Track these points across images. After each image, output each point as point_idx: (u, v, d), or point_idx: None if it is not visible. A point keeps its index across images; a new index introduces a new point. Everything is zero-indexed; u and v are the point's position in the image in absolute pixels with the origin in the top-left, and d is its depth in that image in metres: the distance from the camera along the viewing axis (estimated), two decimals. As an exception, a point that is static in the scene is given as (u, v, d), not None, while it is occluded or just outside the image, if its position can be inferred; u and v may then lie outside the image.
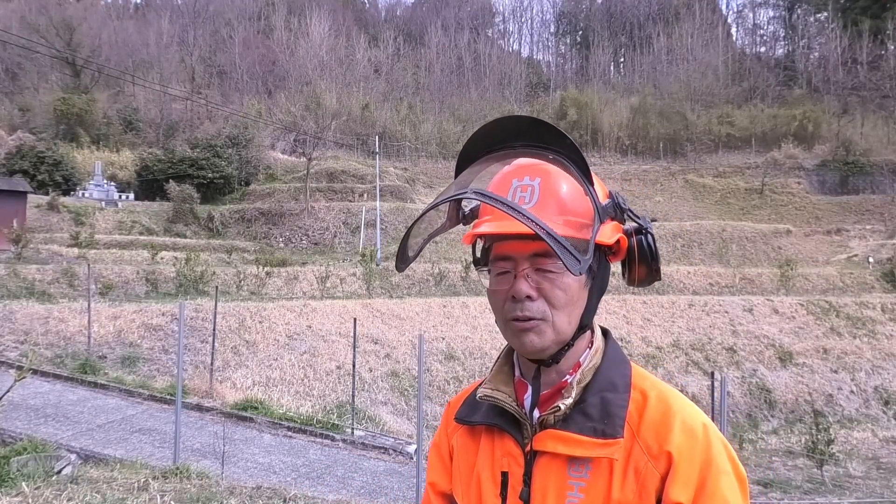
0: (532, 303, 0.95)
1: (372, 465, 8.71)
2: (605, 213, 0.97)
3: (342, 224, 33.03)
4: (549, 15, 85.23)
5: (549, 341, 0.96)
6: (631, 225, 1.04)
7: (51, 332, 12.74)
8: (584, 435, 0.93)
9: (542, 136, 0.98)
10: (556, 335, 0.96)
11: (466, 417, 1.09)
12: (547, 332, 0.96)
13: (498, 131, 1.01)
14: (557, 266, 0.94)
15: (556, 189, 0.96)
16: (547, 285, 0.95)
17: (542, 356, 0.98)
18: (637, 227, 1.03)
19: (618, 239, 1.01)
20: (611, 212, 0.99)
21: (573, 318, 0.98)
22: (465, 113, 54.57)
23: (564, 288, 0.96)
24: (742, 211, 40.30)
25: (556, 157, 0.96)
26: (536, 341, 0.96)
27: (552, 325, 0.96)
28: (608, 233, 0.98)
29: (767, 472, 12.43)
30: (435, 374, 14.45)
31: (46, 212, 27.47)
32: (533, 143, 0.99)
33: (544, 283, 0.96)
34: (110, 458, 7.44)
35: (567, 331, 0.97)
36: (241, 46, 59.95)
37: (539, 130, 0.98)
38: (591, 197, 0.94)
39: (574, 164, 0.94)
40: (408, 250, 1.07)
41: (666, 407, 0.95)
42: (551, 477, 0.95)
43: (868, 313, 20.26)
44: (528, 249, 0.95)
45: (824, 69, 56.29)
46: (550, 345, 0.97)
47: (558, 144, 0.96)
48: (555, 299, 0.96)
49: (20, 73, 50.44)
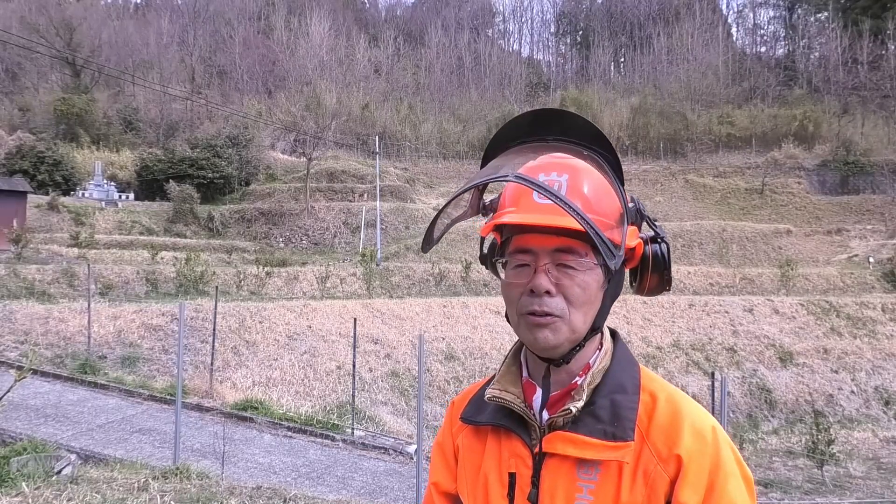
0: (551, 298, 0.94)
1: (372, 465, 8.70)
2: (630, 216, 0.97)
3: (342, 224, 33.03)
4: (550, 15, 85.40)
5: (564, 339, 0.95)
6: (647, 232, 1.04)
7: (51, 332, 12.74)
8: (593, 437, 0.93)
9: (575, 130, 0.98)
10: (570, 333, 0.95)
11: (472, 417, 1.08)
12: (563, 329, 0.94)
13: (532, 123, 1.02)
14: (579, 263, 0.94)
15: (582, 187, 0.94)
16: (567, 282, 0.94)
17: (554, 354, 0.97)
18: (653, 236, 1.03)
19: (635, 245, 1.00)
20: (633, 216, 0.99)
21: (588, 317, 0.97)
22: (465, 113, 54.59)
23: (584, 286, 0.94)
24: (742, 211, 40.29)
25: (590, 154, 0.97)
26: (551, 338, 0.94)
27: (568, 323, 0.94)
28: (630, 237, 0.98)
29: (768, 472, 12.43)
30: (435, 374, 14.44)
31: (46, 212, 27.48)
32: (566, 138, 0.99)
33: (564, 280, 0.94)
34: (110, 458, 7.44)
35: (582, 330, 0.96)
36: (241, 46, 59.97)
37: (571, 124, 0.99)
38: (621, 197, 0.94)
39: (607, 163, 0.95)
40: (434, 232, 1.07)
41: (675, 410, 0.95)
42: (560, 479, 0.94)
43: (868, 313, 20.25)
44: (551, 244, 0.94)
45: (825, 69, 56.28)
46: (564, 343, 0.95)
47: (592, 141, 0.97)
48: (573, 297, 0.94)
49: (20, 73, 50.46)
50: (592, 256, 0.94)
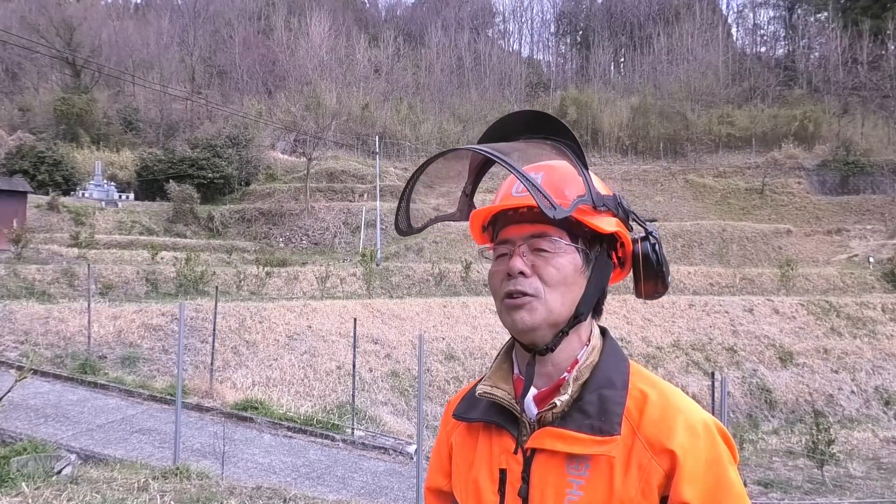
0: (525, 279, 0.97)
1: (372, 465, 8.70)
2: (601, 201, 0.99)
3: (342, 224, 33.04)
4: (550, 15, 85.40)
5: (540, 319, 0.97)
6: (639, 232, 1.06)
7: (51, 332, 12.74)
8: (581, 432, 0.93)
9: (542, 128, 1.04)
10: (547, 314, 0.97)
11: (464, 414, 1.09)
12: (539, 309, 0.97)
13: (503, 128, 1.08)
14: (553, 246, 0.98)
15: (555, 180, 1.00)
16: (541, 262, 0.98)
17: (535, 338, 0.99)
18: (644, 235, 1.05)
19: (618, 235, 1.03)
20: (611, 206, 1.01)
21: (567, 299, 0.99)
22: (465, 113, 54.59)
23: (558, 267, 0.98)
24: (742, 211, 40.30)
25: (553, 143, 1.01)
26: (527, 318, 0.97)
27: (544, 303, 0.97)
28: (606, 223, 1.00)
29: (768, 472, 12.43)
30: (435, 374, 14.44)
31: (46, 212, 27.49)
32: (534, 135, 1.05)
33: (538, 261, 0.98)
34: (110, 458, 7.44)
35: (560, 311, 0.98)
36: (241, 46, 59.96)
37: (539, 123, 1.04)
38: (584, 178, 0.98)
39: (570, 150, 1.00)
40: (410, 208, 1.14)
41: (667, 404, 0.95)
42: (550, 475, 0.95)
43: (868, 313, 20.25)
44: (526, 231, 1.00)
45: (824, 69, 56.28)
46: (541, 323, 0.97)
47: (556, 134, 1.02)
48: (547, 276, 0.98)
49: (20, 73, 50.48)
50: (566, 238, 0.99)
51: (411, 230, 1.13)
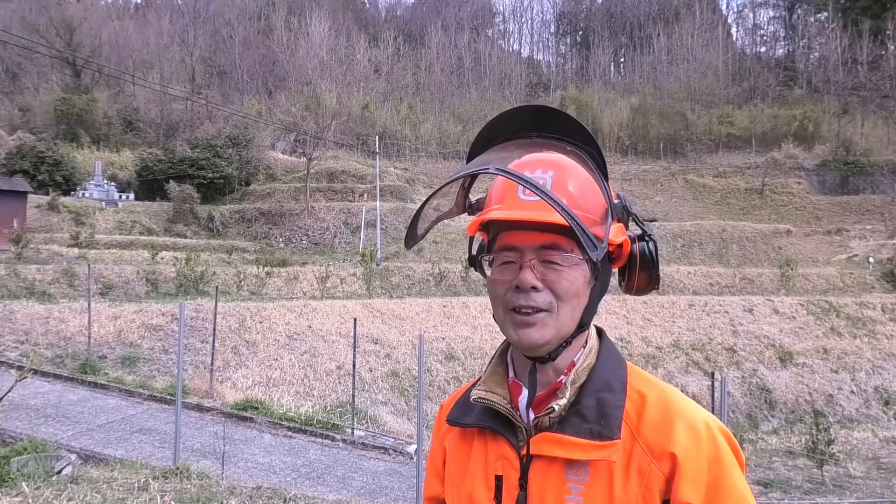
0: (537, 294, 0.93)
1: (372, 465, 8.71)
2: (615, 212, 0.97)
3: (342, 224, 33.04)
4: (549, 15, 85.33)
5: (551, 335, 0.94)
6: (635, 230, 1.03)
7: (51, 332, 12.74)
8: (580, 437, 0.91)
9: (560, 127, 0.98)
10: (558, 329, 0.94)
11: (458, 419, 1.06)
12: (550, 325, 0.93)
13: (516, 119, 1.02)
14: (564, 258, 0.93)
15: (567, 183, 0.94)
16: (553, 276, 0.93)
17: (541, 352, 0.95)
18: (640, 234, 1.02)
19: (621, 241, 0.99)
20: (619, 212, 0.98)
21: (576, 312, 0.95)
22: (465, 113, 54.54)
23: (571, 280, 0.94)
24: (742, 211, 40.31)
25: (573, 149, 0.97)
26: (537, 336, 0.93)
27: (556, 319, 0.93)
28: (615, 233, 0.97)
29: (767, 472, 12.42)
30: (435, 374, 14.44)
31: (46, 212, 27.49)
32: (550, 133, 1.00)
33: (550, 275, 0.93)
34: (110, 458, 7.44)
35: (569, 325, 0.95)
36: (241, 46, 59.92)
37: (557, 121, 0.99)
38: (605, 192, 0.94)
39: (591, 158, 0.95)
40: (417, 227, 1.06)
41: (666, 406, 0.93)
42: (549, 481, 0.92)
43: (868, 313, 20.24)
44: (536, 241, 0.94)
45: (824, 69, 56.27)
46: (552, 339, 0.94)
47: (575, 136, 0.97)
48: (561, 291, 0.93)
49: (20, 73, 50.46)
50: (578, 252, 0.93)
51: (416, 240, 1.08)
